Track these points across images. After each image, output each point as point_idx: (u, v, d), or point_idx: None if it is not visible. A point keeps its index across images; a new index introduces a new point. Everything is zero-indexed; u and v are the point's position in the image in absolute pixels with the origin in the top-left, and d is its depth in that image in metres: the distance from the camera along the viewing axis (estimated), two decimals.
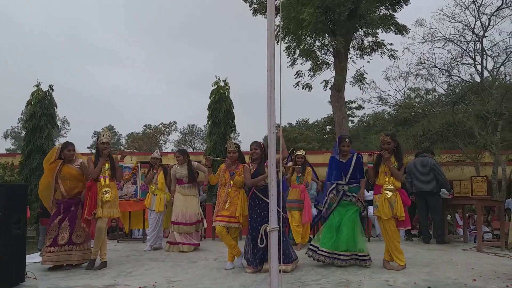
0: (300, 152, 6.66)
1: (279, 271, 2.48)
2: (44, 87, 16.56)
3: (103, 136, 5.04)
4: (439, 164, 6.88)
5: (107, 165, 5.01)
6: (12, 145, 44.35)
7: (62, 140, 40.25)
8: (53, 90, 16.64)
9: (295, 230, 6.38)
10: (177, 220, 6.19)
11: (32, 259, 5.61)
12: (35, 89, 16.26)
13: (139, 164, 7.86)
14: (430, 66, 13.90)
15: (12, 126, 44.36)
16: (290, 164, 6.51)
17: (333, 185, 4.91)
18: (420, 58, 13.92)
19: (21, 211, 4.05)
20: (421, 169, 6.75)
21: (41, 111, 15.97)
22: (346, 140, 4.95)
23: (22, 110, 16.58)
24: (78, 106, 62.27)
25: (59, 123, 39.42)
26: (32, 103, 16.12)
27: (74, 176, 4.98)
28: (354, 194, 4.83)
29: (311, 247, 4.94)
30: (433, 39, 13.80)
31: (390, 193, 4.56)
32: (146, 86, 69.04)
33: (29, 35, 66.38)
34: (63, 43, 67.53)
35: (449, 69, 13.97)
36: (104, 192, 4.94)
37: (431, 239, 6.80)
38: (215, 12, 74.62)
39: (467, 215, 10.30)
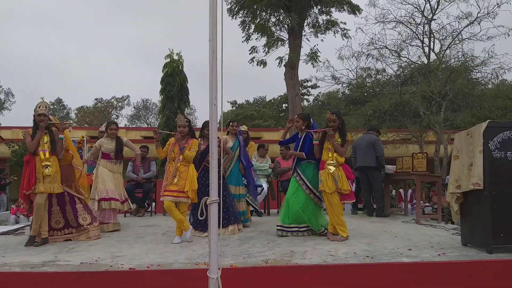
0: (243, 128, 6.64)
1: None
2: None
3: (39, 107, 4.72)
4: (380, 141, 7.17)
5: (46, 138, 4.74)
6: None
7: (6, 113, 37.84)
8: None
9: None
10: (107, 196, 5.70)
11: None
12: None
13: (85, 138, 7.55)
14: (381, 47, 14.30)
15: None
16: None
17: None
18: (372, 39, 14.28)
19: None
20: (364, 145, 7.04)
21: None
22: (295, 116, 5.33)
23: None
24: (23, 77, 58.53)
25: (2, 96, 37.05)
26: None
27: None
28: (299, 173, 5.05)
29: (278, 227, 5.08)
30: (385, 20, 14.18)
31: (333, 168, 4.72)
32: (94, 57, 65.95)
33: None
34: (3, 8, 62.55)
35: (398, 50, 14.44)
36: (44, 167, 4.70)
37: (374, 212, 7.13)
38: None
39: (410, 190, 10.92)
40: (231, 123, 6.24)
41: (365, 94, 16.87)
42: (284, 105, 35.65)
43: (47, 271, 3.48)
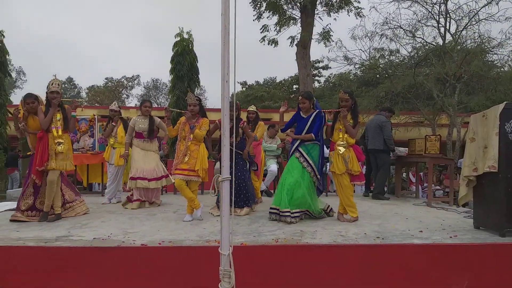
0: (251, 108, 6.60)
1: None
2: None
3: (52, 85, 4.74)
4: (388, 122, 6.98)
5: (58, 116, 4.77)
6: None
7: (18, 92, 38.20)
8: (4, 37, 15.47)
9: (254, 186, 6.38)
10: (135, 175, 5.80)
11: None
12: None
13: (96, 117, 7.58)
14: (395, 26, 13.96)
15: None
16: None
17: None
18: (386, 18, 13.94)
19: None
20: (373, 127, 6.94)
21: None
22: (299, 97, 4.94)
23: None
24: (34, 56, 58.76)
25: (13, 74, 37.25)
26: None
27: (37, 126, 4.77)
28: (303, 153, 4.76)
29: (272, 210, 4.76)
30: None
31: (342, 149, 4.66)
32: (105, 36, 65.81)
33: None
34: None
35: (413, 30, 14.09)
36: (57, 144, 4.74)
37: (384, 195, 7.10)
38: None
39: (421, 173, 10.83)
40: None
41: (378, 75, 16.60)
42: (294, 86, 35.33)
43: (61, 246, 3.53)
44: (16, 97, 34.41)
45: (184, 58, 14.16)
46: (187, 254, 3.49)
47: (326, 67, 30.26)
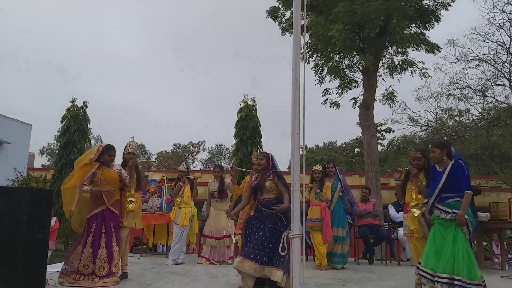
0: (317, 167, 6.27)
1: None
2: (79, 104, 17.17)
3: (129, 146, 5.05)
4: None
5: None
6: (48, 161, 45.93)
7: None
8: (87, 106, 17.22)
9: (319, 252, 5.92)
10: (205, 233, 6.49)
11: (55, 268, 5.63)
12: (70, 105, 16.88)
13: (165, 178, 7.88)
14: (463, 86, 13.54)
15: (48, 143, 46.08)
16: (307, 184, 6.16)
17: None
18: (453, 78, 13.60)
19: (45, 217, 4.06)
20: None
21: (74, 126, 16.49)
22: (429, 146, 4.11)
23: (59, 128, 17.14)
24: (111, 124, 64.36)
25: (92, 141, 40.71)
26: (67, 118, 16.69)
27: (115, 180, 4.57)
28: (447, 210, 3.83)
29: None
30: (466, 59, 13.48)
31: (417, 212, 4.30)
32: (173, 106, 70.93)
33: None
34: (88, 59, 70.21)
35: (483, 90, 13.55)
36: (129, 202, 4.92)
37: None
38: (243, 30, 76.93)
39: (505, 243, 9.72)
40: (326, 165, 6.49)
41: (445, 137, 15.85)
42: (356, 149, 34.78)
43: None
44: None
45: (247, 123, 14.73)
46: None
47: (389, 130, 29.68)
